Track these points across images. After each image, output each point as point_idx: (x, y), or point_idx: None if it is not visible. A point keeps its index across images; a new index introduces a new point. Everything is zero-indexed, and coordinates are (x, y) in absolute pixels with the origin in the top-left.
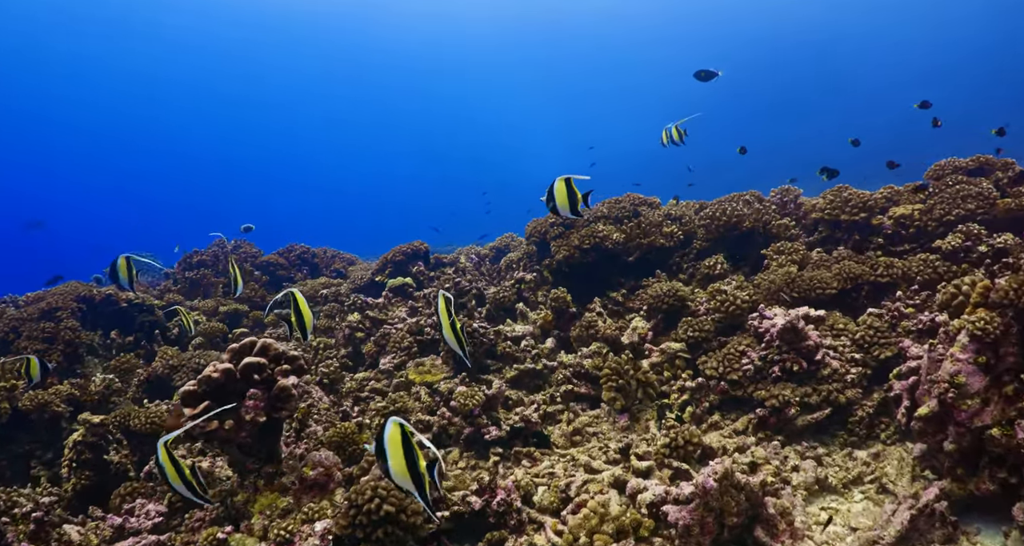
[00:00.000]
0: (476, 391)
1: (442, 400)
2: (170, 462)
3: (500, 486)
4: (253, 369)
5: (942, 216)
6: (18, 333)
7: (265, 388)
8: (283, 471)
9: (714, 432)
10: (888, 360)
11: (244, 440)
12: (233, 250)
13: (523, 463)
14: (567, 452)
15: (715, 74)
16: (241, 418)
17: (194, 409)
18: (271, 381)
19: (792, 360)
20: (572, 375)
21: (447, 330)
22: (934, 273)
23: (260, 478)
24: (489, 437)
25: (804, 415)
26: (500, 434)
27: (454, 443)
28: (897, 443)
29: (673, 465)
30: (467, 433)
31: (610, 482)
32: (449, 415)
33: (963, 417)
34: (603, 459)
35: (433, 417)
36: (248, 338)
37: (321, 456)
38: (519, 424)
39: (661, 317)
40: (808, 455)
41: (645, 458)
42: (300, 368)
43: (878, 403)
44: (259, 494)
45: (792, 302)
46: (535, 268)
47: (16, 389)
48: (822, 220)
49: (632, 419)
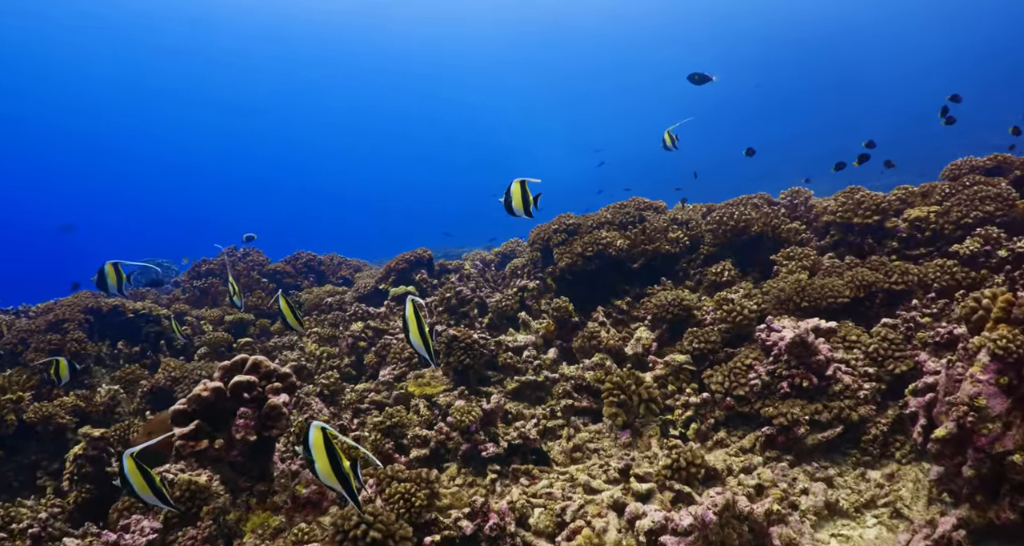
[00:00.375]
0: (473, 407)
1: (440, 414)
2: (138, 472)
3: (493, 509)
4: (243, 387)
5: (959, 219)
6: (26, 345)
7: (256, 406)
8: (275, 490)
9: (720, 450)
10: (904, 374)
11: (235, 458)
12: (242, 258)
13: (521, 481)
14: (567, 470)
15: (709, 78)
16: (232, 437)
17: (184, 428)
18: (262, 399)
19: (801, 376)
20: (573, 388)
21: (413, 334)
22: (952, 280)
23: (252, 496)
24: (486, 454)
25: (814, 433)
26: (498, 451)
27: (452, 458)
28: (913, 462)
29: (675, 488)
30: (464, 450)
31: (609, 504)
32: (447, 430)
33: (983, 442)
34: (603, 478)
35: (431, 432)
36: (239, 356)
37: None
38: (517, 441)
39: (666, 327)
40: (818, 476)
41: (646, 480)
42: (291, 386)
43: (893, 420)
44: (251, 513)
45: (802, 312)
46: (538, 275)
47: (23, 401)
48: (834, 223)
49: (635, 434)
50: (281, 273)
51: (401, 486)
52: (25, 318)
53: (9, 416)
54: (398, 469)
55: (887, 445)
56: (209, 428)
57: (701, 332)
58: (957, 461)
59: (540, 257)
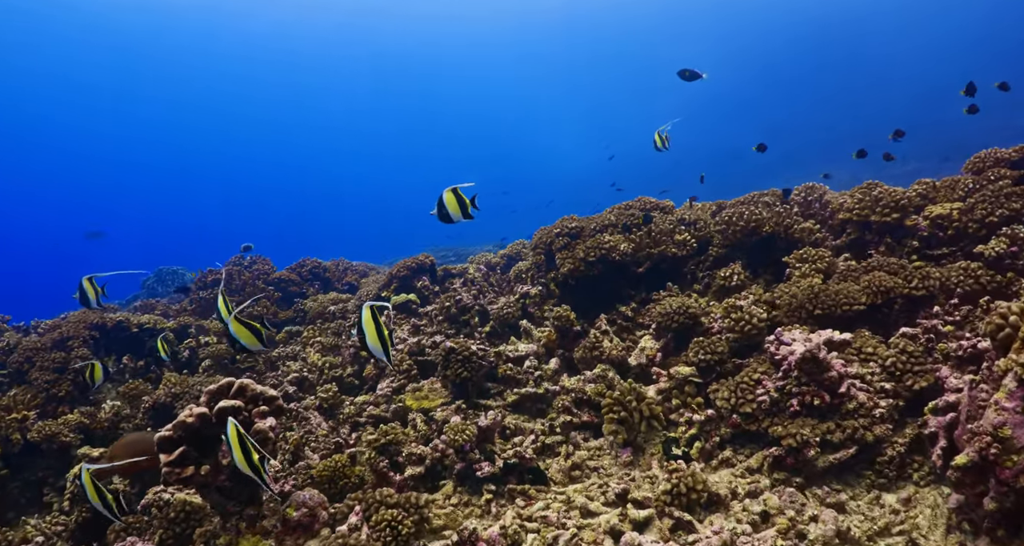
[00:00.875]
0: (468, 425)
1: (437, 429)
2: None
3: (482, 538)
4: (229, 413)
5: (984, 217)
6: (32, 363)
7: None
8: (265, 514)
9: (725, 469)
10: (923, 390)
11: (223, 484)
12: (248, 267)
13: (517, 502)
14: (564, 490)
15: (699, 75)
16: (218, 462)
17: (170, 455)
18: (249, 423)
19: (812, 393)
20: (573, 402)
21: (372, 339)
22: (976, 284)
23: (242, 520)
24: (481, 474)
25: (826, 455)
26: (493, 470)
27: (449, 475)
28: (932, 485)
29: (674, 515)
30: (459, 468)
31: (606, 530)
32: (443, 447)
33: (1007, 475)
34: (601, 500)
35: (426, 448)
36: (226, 379)
37: (305, 496)
38: (513, 460)
39: (671, 336)
40: (829, 500)
41: (645, 505)
42: (278, 409)
43: (911, 440)
44: (241, 537)
45: (815, 320)
46: (541, 280)
47: (27, 420)
48: (850, 221)
49: (636, 452)
50: (286, 281)
51: (388, 513)
52: (35, 334)
53: (14, 435)
54: (387, 493)
55: (904, 466)
56: (196, 454)
57: (708, 342)
58: (979, 491)
59: (544, 260)
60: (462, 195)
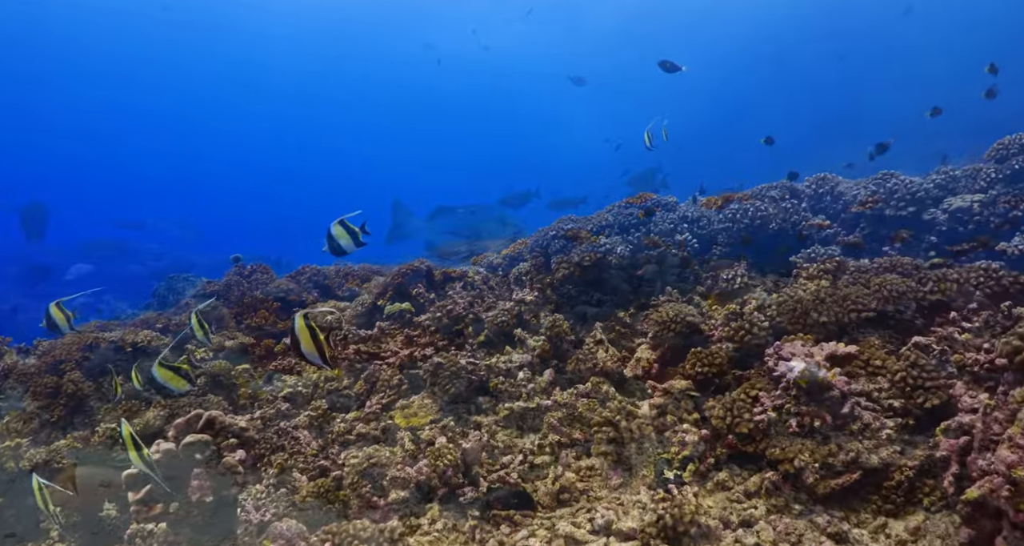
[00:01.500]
0: (450, 449)
1: (424, 450)
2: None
3: None
4: (195, 449)
5: (1007, 211)
6: (26, 388)
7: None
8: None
9: (721, 493)
10: (935, 408)
11: (195, 520)
12: (248, 277)
13: (502, 529)
14: (551, 516)
15: (678, 68)
16: (188, 499)
17: (137, 494)
18: (217, 458)
19: (812, 414)
20: (563, 419)
21: (307, 345)
22: (997, 286)
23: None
24: (464, 500)
25: (827, 480)
26: (477, 495)
27: (435, 497)
28: (943, 511)
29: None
30: (442, 493)
31: None
32: (427, 471)
33: (1022, 519)
34: (588, 528)
35: (411, 471)
36: (195, 411)
37: (283, 527)
38: (497, 485)
39: (668, 346)
40: (830, 530)
41: (631, 537)
42: (249, 440)
43: (921, 462)
44: None
45: (821, 328)
46: (538, 285)
47: (20, 447)
48: (864, 215)
49: (628, 473)
50: (285, 290)
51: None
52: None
53: (8, 463)
54: (360, 527)
55: (913, 491)
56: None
57: (706, 353)
58: (990, 529)
59: (542, 263)
60: (350, 225)
